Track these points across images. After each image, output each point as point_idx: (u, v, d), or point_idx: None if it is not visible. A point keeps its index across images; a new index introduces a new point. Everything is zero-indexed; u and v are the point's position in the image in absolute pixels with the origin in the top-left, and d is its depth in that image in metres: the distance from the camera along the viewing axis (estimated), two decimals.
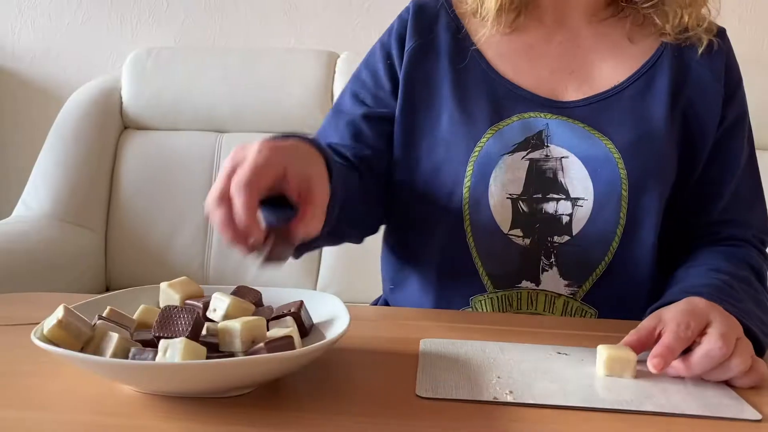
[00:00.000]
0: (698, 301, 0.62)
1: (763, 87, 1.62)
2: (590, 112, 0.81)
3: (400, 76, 0.86)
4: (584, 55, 0.85)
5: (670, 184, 0.83)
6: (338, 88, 1.69)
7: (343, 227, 0.75)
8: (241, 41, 1.91)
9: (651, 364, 0.58)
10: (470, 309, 0.83)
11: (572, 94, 0.83)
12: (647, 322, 0.63)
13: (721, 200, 0.84)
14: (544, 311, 0.82)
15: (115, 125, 1.76)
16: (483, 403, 0.53)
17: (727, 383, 0.59)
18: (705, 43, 0.83)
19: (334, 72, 1.72)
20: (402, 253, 0.93)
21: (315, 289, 1.63)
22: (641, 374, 0.59)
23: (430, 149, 0.84)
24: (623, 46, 0.85)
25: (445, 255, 0.84)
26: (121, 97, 1.77)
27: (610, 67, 0.84)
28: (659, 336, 0.60)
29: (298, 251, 0.83)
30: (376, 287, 1.04)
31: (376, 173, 0.86)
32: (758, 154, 1.53)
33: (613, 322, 0.79)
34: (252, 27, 1.91)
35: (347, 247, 0.94)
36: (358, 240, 0.89)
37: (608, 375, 0.59)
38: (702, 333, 0.59)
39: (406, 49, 0.86)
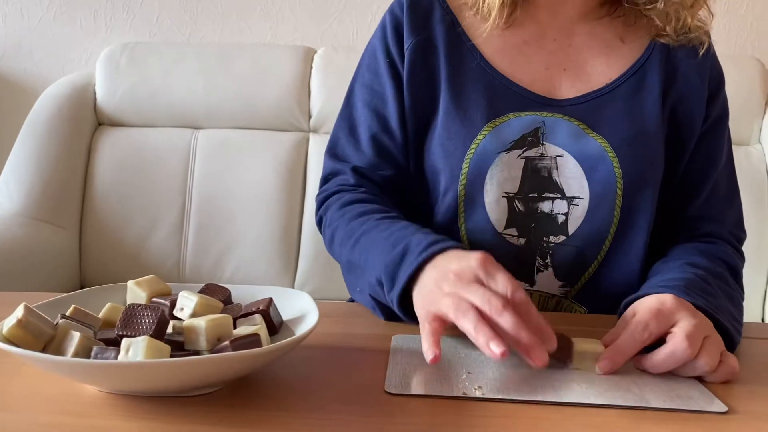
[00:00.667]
0: (667, 299, 0.62)
1: (736, 84, 1.63)
2: (584, 110, 0.81)
3: (404, 75, 0.84)
4: (577, 52, 0.84)
5: (659, 182, 0.83)
6: (315, 83, 1.68)
7: None
8: (217, 37, 1.89)
9: (598, 367, 0.58)
10: None
11: (566, 91, 0.83)
12: (622, 320, 0.63)
13: (701, 197, 0.85)
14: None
15: (88, 122, 1.74)
16: (452, 398, 0.53)
17: (698, 377, 0.59)
18: (706, 45, 0.84)
19: (311, 68, 1.70)
20: None
21: (293, 287, 1.62)
22: None
23: (430, 147, 0.83)
24: (615, 46, 0.85)
25: None
26: (95, 94, 1.74)
27: (602, 64, 0.84)
28: None
29: None
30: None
31: (402, 194, 0.86)
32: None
33: (597, 318, 0.79)
34: (228, 22, 1.89)
35: (323, 246, 0.94)
36: None
37: (578, 368, 0.59)
38: (667, 331, 0.59)
39: (405, 47, 0.84)
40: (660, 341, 0.59)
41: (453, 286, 0.59)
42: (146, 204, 1.65)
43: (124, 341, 0.47)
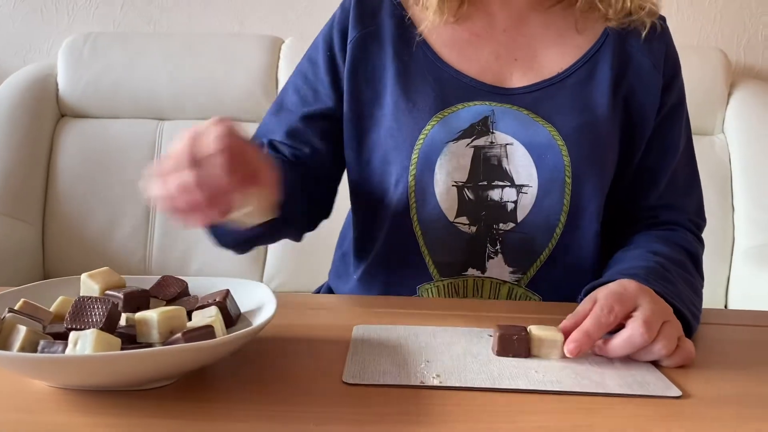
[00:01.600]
0: (629, 284, 0.63)
1: (700, 74, 1.66)
2: (535, 99, 0.81)
3: (345, 69, 0.84)
4: (529, 42, 0.84)
5: (611, 170, 0.83)
6: (283, 74, 1.67)
7: (281, 224, 0.75)
8: (183, 26, 1.86)
9: (566, 350, 0.58)
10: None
11: (517, 81, 0.83)
12: (582, 306, 0.63)
13: (660, 186, 0.85)
14: (490, 298, 0.82)
15: (51, 113, 1.70)
16: (409, 387, 0.52)
17: (655, 362, 0.60)
18: (648, 27, 0.84)
19: (279, 58, 1.69)
20: (352, 242, 0.92)
21: (261, 279, 1.60)
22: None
23: (378, 140, 0.83)
24: (569, 35, 0.85)
25: (391, 244, 0.84)
26: (57, 84, 1.71)
27: (555, 54, 0.84)
28: None
29: (242, 247, 0.81)
30: (322, 277, 1.03)
31: (314, 173, 0.86)
32: (694, 139, 1.57)
33: (553, 305, 0.79)
34: (194, 11, 1.86)
35: None
36: (297, 237, 0.89)
37: (536, 356, 0.59)
38: (628, 316, 0.60)
39: (348, 40, 0.84)
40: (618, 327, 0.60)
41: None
42: (111, 197, 1.63)
43: (72, 334, 0.46)
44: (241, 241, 0.79)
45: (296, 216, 0.82)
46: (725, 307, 1.61)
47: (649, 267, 0.70)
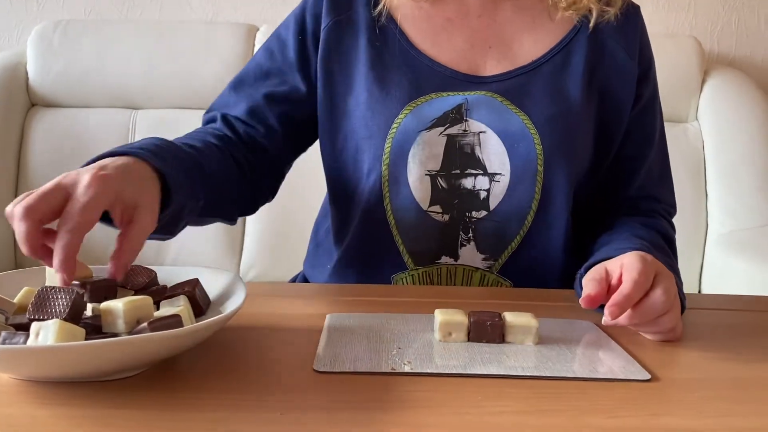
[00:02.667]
0: (645, 255, 0.63)
1: (674, 62, 1.67)
2: (509, 87, 0.81)
3: (318, 56, 0.83)
4: (503, 29, 0.84)
5: (585, 161, 0.84)
6: None
7: (206, 211, 0.75)
8: (156, 13, 1.83)
9: (608, 312, 0.57)
10: None
11: (492, 68, 0.82)
12: (597, 274, 0.62)
13: (638, 177, 0.86)
14: (463, 285, 0.82)
15: (21, 102, 1.67)
16: (380, 374, 0.52)
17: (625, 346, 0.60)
18: (613, 12, 0.83)
19: (254, 46, 1.67)
20: (328, 232, 0.92)
21: (239, 269, 1.59)
22: (542, 340, 0.60)
23: (351, 129, 0.83)
24: (542, 22, 0.84)
25: (365, 233, 0.83)
26: (26, 73, 1.67)
27: (529, 41, 0.84)
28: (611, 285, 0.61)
29: (160, 235, 0.77)
30: (300, 266, 1.02)
31: (263, 155, 0.85)
32: (668, 126, 1.59)
33: (527, 291, 0.80)
34: None
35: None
36: (231, 222, 0.87)
37: (510, 342, 0.59)
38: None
39: (322, 27, 0.84)
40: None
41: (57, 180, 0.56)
42: None
43: (34, 325, 0.45)
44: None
45: (223, 204, 0.81)
46: (699, 292, 1.63)
47: (638, 249, 0.70)
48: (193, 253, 1.57)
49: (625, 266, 0.62)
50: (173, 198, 0.64)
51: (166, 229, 0.69)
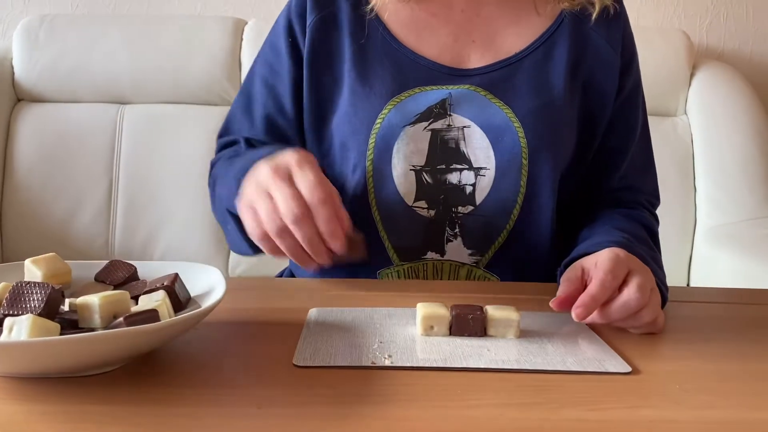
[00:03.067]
0: (620, 252, 0.64)
1: (663, 56, 1.67)
2: (492, 80, 0.81)
3: (305, 53, 0.83)
4: (486, 23, 0.84)
5: (569, 153, 0.84)
6: (246, 56, 1.64)
7: None
8: (143, 8, 1.82)
9: (574, 314, 0.58)
10: None
11: (475, 61, 0.82)
12: (573, 273, 0.64)
13: (621, 168, 0.86)
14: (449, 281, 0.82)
15: (6, 98, 1.65)
16: (360, 368, 0.52)
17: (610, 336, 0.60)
18: (597, 7, 0.83)
19: (242, 40, 1.66)
20: None
21: (227, 266, 1.59)
22: (524, 333, 0.60)
23: (336, 126, 0.82)
24: (526, 15, 0.84)
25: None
26: (12, 68, 1.66)
27: (512, 34, 0.83)
28: (587, 284, 0.62)
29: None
30: (286, 262, 1.02)
31: None
32: (657, 120, 1.59)
33: (510, 285, 0.80)
34: None
35: None
36: None
37: (492, 336, 0.59)
38: (623, 281, 0.61)
39: (307, 23, 0.83)
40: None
41: (264, 183, 0.62)
42: (71, 183, 1.59)
43: (7, 320, 0.45)
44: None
45: None
46: (687, 284, 1.64)
47: (619, 242, 0.71)
48: (181, 250, 1.57)
49: (596, 265, 0.62)
50: None
51: None
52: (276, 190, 0.61)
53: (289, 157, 0.63)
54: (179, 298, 0.57)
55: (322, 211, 0.59)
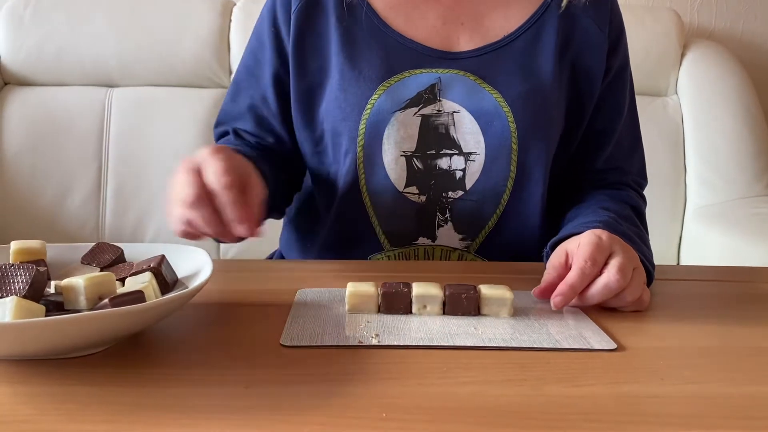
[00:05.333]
0: (601, 233, 0.64)
1: (653, 35, 1.66)
2: (481, 64, 0.80)
3: (290, 41, 0.82)
4: (474, 5, 0.83)
5: (557, 135, 0.84)
6: (235, 38, 1.63)
7: (267, 212, 0.80)
8: None
9: (553, 302, 0.59)
10: None
11: (464, 44, 0.82)
12: (557, 260, 0.64)
13: (607, 149, 0.86)
14: None
15: None
16: (347, 347, 0.52)
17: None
18: None
19: (230, 21, 1.65)
20: (304, 214, 0.92)
21: (218, 249, 1.59)
22: (518, 312, 0.60)
23: (327, 111, 0.82)
24: None
25: (342, 215, 0.83)
26: None
27: (501, 17, 0.83)
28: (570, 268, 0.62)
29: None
30: (277, 245, 1.02)
31: (281, 156, 0.87)
32: (647, 100, 1.59)
33: (502, 265, 0.81)
34: None
35: None
36: (280, 216, 0.93)
37: (486, 315, 0.60)
38: (604, 263, 0.61)
39: (292, 10, 0.82)
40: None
41: (176, 177, 0.63)
42: (60, 167, 1.58)
43: None
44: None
45: (276, 201, 0.85)
46: (678, 263, 1.65)
47: (605, 221, 0.71)
48: (170, 233, 1.56)
49: (578, 250, 0.62)
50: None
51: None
52: (180, 180, 0.62)
53: (202, 151, 0.63)
54: (166, 280, 0.57)
55: (224, 196, 0.59)
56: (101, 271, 0.59)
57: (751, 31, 1.88)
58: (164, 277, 0.57)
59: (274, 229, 1.25)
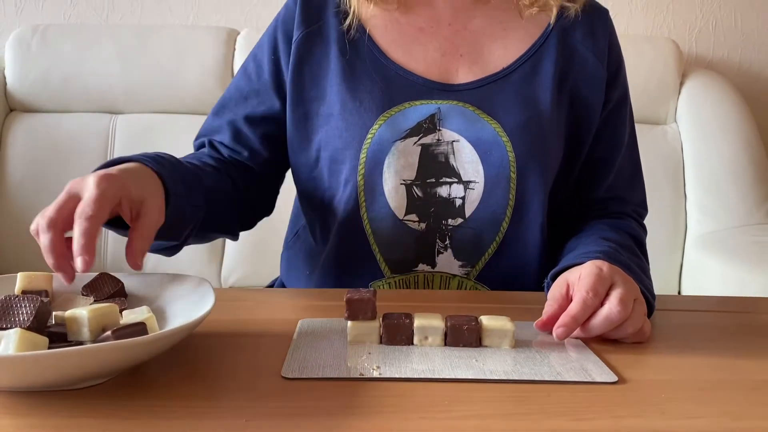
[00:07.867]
0: (602, 265, 0.64)
1: (653, 64, 1.68)
2: (480, 95, 0.81)
3: (289, 69, 0.84)
4: (474, 37, 0.84)
5: (556, 165, 0.84)
6: (238, 66, 1.64)
7: (208, 227, 0.79)
8: (136, 18, 1.83)
9: (555, 334, 0.59)
10: None
11: (463, 76, 0.83)
12: (558, 291, 0.64)
13: (607, 179, 0.87)
14: None
15: None
16: (348, 380, 0.52)
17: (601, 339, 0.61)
18: (575, 7, 0.84)
19: (234, 50, 1.67)
20: (297, 238, 0.92)
21: (220, 274, 1.59)
22: (520, 343, 0.60)
23: (326, 140, 0.82)
24: (513, 28, 0.85)
25: (342, 243, 0.84)
26: (4, 78, 1.66)
27: (499, 49, 0.84)
28: (571, 299, 0.62)
29: (168, 251, 0.79)
30: (278, 272, 1.02)
31: (251, 175, 0.87)
32: (647, 128, 1.60)
33: (502, 294, 0.80)
34: (147, 2, 1.83)
35: (251, 233, 0.95)
36: (233, 237, 0.91)
37: (488, 346, 0.60)
38: (606, 295, 0.61)
39: (293, 39, 0.84)
40: None
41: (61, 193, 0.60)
42: None
43: None
44: (161, 248, 0.77)
45: (225, 219, 0.84)
46: (678, 292, 1.64)
47: (605, 252, 0.71)
48: (173, 259, 1.56)
49: (579, 281, 0.62)
50: (171, 200, 0.67)
51: (173, 231, 0.71)
52: (55, 201, 0.59)
53: (90, 176, 0.61)
54: None
55: (78, 225, 0.56)
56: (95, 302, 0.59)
57: (749, 61, 1.91)
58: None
59: (275, 256, 1.26)
